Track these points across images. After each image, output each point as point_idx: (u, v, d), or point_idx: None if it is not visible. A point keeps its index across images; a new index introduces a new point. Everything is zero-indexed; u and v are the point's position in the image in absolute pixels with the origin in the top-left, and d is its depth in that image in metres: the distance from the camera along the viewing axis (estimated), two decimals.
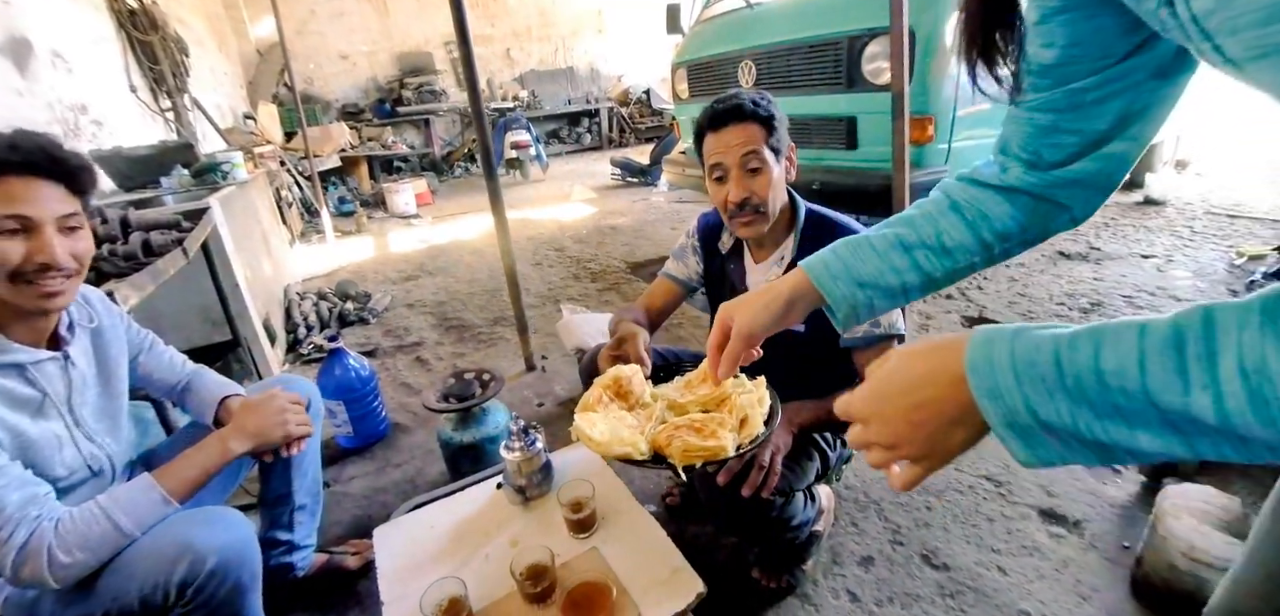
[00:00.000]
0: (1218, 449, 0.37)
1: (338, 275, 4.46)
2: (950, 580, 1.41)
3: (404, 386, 2.69)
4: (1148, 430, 0.38)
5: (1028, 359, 0.42)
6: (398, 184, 6.94)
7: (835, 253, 0.73)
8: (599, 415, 0.93)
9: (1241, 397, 0.34)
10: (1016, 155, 0.65)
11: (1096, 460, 0.42)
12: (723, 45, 3.55)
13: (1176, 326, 0.37)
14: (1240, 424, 0.34)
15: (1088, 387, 0.39)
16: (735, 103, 1.22)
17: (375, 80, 9.65)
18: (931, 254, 0.69)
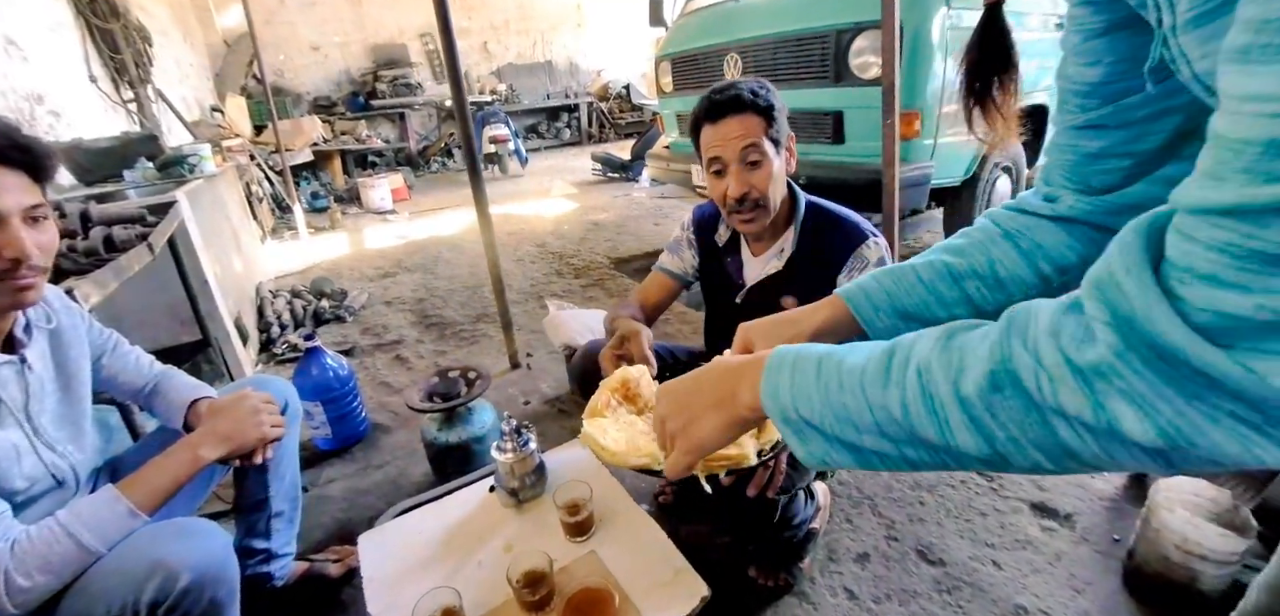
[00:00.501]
0: (917, 453, 0.44)
1: (312, 272, 4.33)
2: (946, 575, 1.40)
3: (384, 385, 2.62)
4: (869, 433, 0.45)
5: (801, 366, 0.50)
6: (373, 179, 6.78)
7: (877, 281, 0.68)
8: (609, 421, 0.89)
9: (916, 391, 0.42)
10: (1065, 183, 0.62)
11: (853, 460, 0.48)
12: (708, 38, 3.52)
13: (894, 343, 0.46)
14: (916, 416, 0.42)
15: (830, 389, 0.47)
16: (734, 93, 1.18)
17: (348, 72, 9.42)
18: (984, 285, 0.65)
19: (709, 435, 0.58)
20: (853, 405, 0.46)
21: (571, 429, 2.12)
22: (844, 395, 0.46)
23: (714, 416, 0.57)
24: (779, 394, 0.50)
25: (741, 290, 1.35)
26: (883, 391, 0.44)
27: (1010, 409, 0.38)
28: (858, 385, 0.46)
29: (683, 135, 4.02)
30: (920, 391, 0.42)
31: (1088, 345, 0.34)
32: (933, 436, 0.42)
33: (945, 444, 0.42)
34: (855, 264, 1.21)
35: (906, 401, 0.43)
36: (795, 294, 1.28)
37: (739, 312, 1.36)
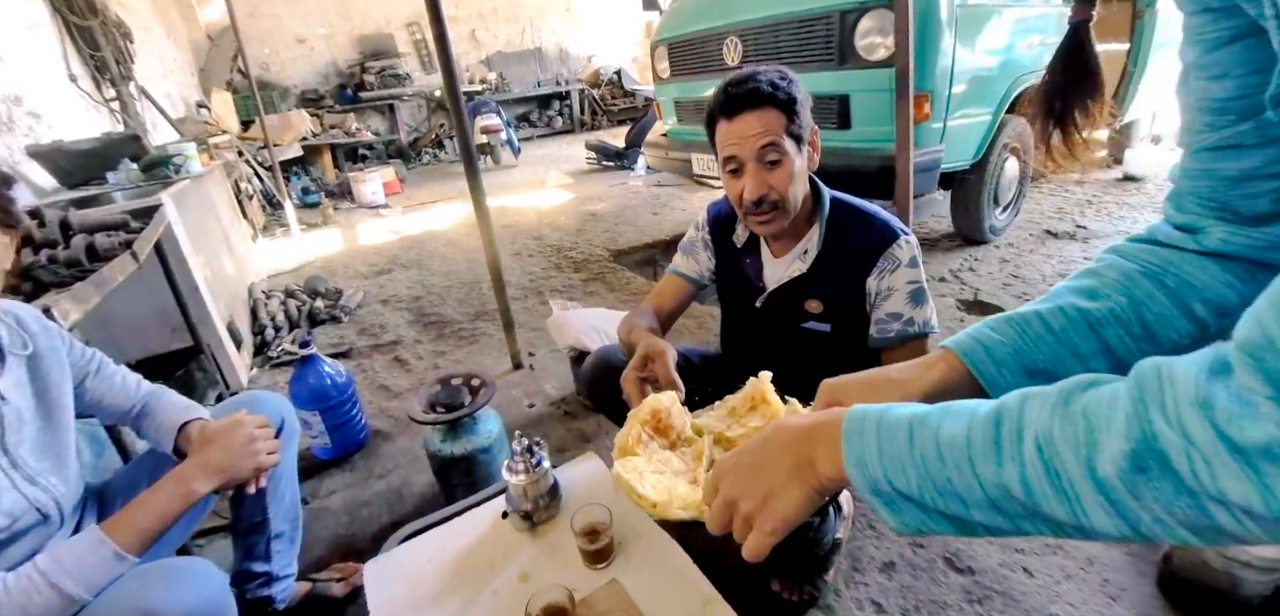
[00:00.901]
0: (1036, 527, 0.40)
1: (305, 271, 4.24)
2: (976, 584, 1.35)
3: (383, 389, 2.54)
4: (979, 508, 0.41)
5: (888, 431, 0.46)
6: (364, 173, 6.67)
7: (996, 332, 0.59)
8: (642, 459, 0.81)
9: (1039, 469, 0.38)
10: (1205, 212, 0.53)
11: (954, 531, 0.45)
12: (705, 21, 3.42)
13: (999, 407, 0.42)
14: (1041, 495, 0.38)
15: (929, 461, 0.43)
16: (752, 86, 1.09)
17: (335, 64, 9.25)
18: (1128, 334, 0.55)
19: (793, 511, 0.52)
20: (959, 481, 0.42)
21: (578, 432, 2.05)
22: (947, 469, 0.42)
23: (794, 490, 0.51)
24: (866, 463, 0.46)
25: (762, 294, 1.28)
26: (996, 468, 0.40)
27: (1158, 492, 0.33)
28: (964, 459, 0.41)
29: (681, 122, 3.93)
30: (1044, 469, 0.38)
31: (1250, 421, 0.30)
32: (1062, 515, 0.38)
33: (1077, 523, 0.37)
34: (886, 265, 1.14)
35: (1028, 479, 0.38)
36: (820, 297, 1.21)
37: (759, 317, 1.29)
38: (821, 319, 1.22)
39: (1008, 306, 2.68)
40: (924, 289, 1.15)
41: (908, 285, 1.14)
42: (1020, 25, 3.00)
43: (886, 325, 1.15)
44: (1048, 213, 3.89)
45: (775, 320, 1.27)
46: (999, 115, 3.04)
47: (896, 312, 1.14)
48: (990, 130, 3.05)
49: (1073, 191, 4.33)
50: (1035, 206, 3.99)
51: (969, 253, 3.33)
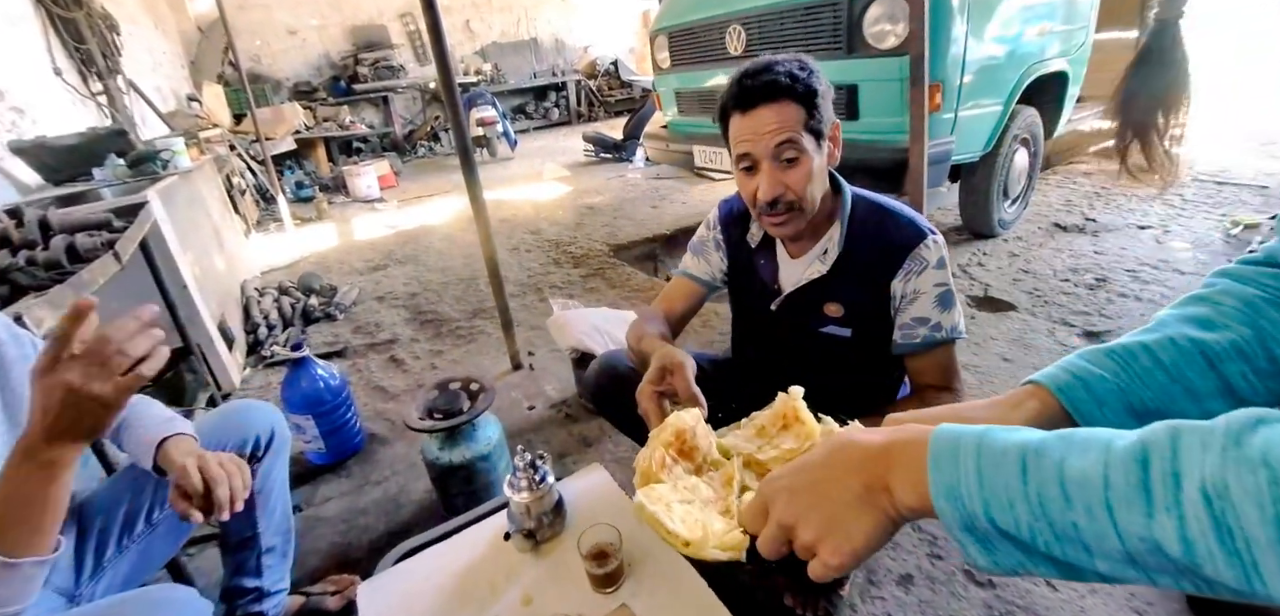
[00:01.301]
0: (1178, 584, 0.35)
1: (299, 267, 4.17)
2: (998, 599, 1.30)
3: (379, 391, 2.48)
4: (1109, 559, 0.36)
5: (994, 459, 0.39)
6: (359, 166, 6.57)
7: (1095, 366, 0.51)
8: (667, 488, 0.73)
9: (1206, 523, 0.32)
10: None
11: (1058, 574, 0.39)
12: (707, 9, 3.34)
13: (1144, 442, 0.36)
14: (1204, 554, 0.32)
15: (1049, 501, 0.37)
16: (769, 78, 1.01)
17: (328, 56, 9.12)
18: (1252, 370, 0.48)
19: (864, 542, 0.45)
20: (1089, 528, 0.35)
21: (580, 436, 1.99)
22: (1073, 513, 0.36)
23: (865, 518, 0.45)
24: (961, 495, 0.39)
25: (778, 297, 1.20)
26: (1145, 520, 0.33)
27: None
28: (1099, 503, 0.35)
29: (683, 113, 3.85)
30: (1213, 524, 0.31)
31: None
32: (1228, 578, 0.31)
33: (1248, 587, 0.31)
34: (912, 267, 1.07)
35: (1189, 536, 0.32)
36: (840, 301, 1.14)
37: (773, 321, 1.22)
38: (842, 323, 1.15)
39: (1019, 302, 2.62)
40: (952, 291, 1.08)
41: (935, 288, 1.07)
42: (1029, 12, 2.92)
43: (912, 330, 1.08)
44: (1056, 205, 3.83)
45: (791, 324, 1.20)
46: (1010, 105, 2.97)
47: (923, 317, 1.07)
48: (1001, 121, 2.98)
49: (1079, 183, 4.27)
50: (1043, 199, 3.93)
51: (977, 247, 3.27)
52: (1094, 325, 2.38)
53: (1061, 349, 2.25)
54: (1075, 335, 2.33)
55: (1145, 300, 2.55)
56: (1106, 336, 2.27)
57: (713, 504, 0.72)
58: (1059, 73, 3.19)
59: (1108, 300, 2.58)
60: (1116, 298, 2.59)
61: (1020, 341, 2.34)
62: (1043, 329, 2.40)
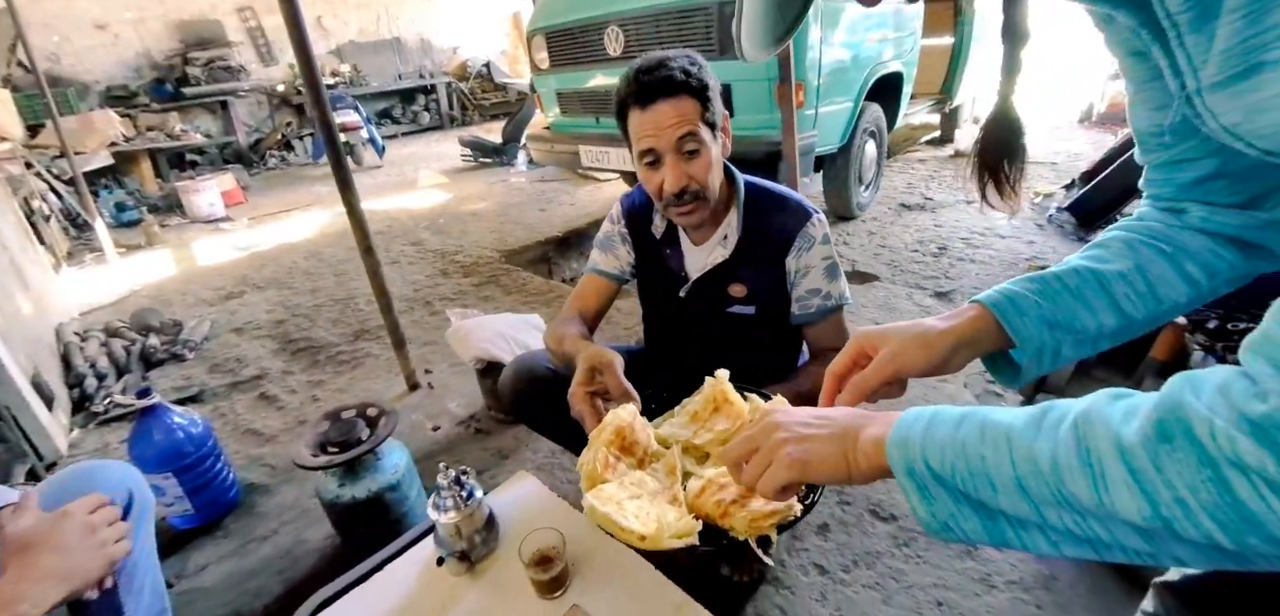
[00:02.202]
0: (1062, 517, 0.42)
1: (130, 303, 3.62)
2: (900, 529, 1.45)
3: (251, 434, 2.22)
4: (1006, 491, 0.43)
5: (940, 418, 0.48)
6: (197, 181, 5.81)
7: (1020, 288, 0.63)
8: (615, 486, 0.73)
9: (1069, 443, 0.41)
10: (1187, 200, 0.60)
11: (981, 527, 0.46)
12: (585, 10, 3.35)
13: (1049, 402, 0.45)
14: (1067, 473, 0.40)
15: (969, 442, 0.45)
16: (665, 73, 1.05)
17: (149, 55, 7.97)
18: (1133, 291, 0.61)
19: (824, 460, 0.55)
20: (992, 458, 0.44)
21: (496, 450, 1.92)
22: (984, 447, 0.44)
23: (829, 448, 0.55)
24: (909, 442, 0.49)
25: (685, 284, 1.25)
26: (1030, 443, 0.42)
27: (1180, 462, 0.36)
28: (1002, 437, 0.44)
29: (566, 114, 3.83)
30: (1075, 442, 0.40)
31: (1258, 400, 0.34)
32: (1084, 494, 0.39)
33: (1099, 504, 0.39)
34: (802, 244, 1.16)
35: (1057, 455, 0.41)
36: (744, 282, 1.21)
37: (684, 308, 1.27)
38: (746, 302, 1.22)
39: (881, 273, 2.92)
40: (836, 263, 1.19)
41: (823, 261, 1.17)
42: (868, 21, 3.27)
43: (807, 302, 1.18)
44: (900, 188, 4.29)
45: (700, 309, 1.26)
46: (859, 102, 3.30)
47: (815, 288, 1.17)
48: (853, 116, 3.30)
49: (917, 168, 4.82)
50: (889, 183, 4.39)
51: (841, 228, 3.58)
52: (942, 286, 2.71)
53: (919, 309, 2.56)
54: (928, 296, 2.64)
55: (979, 261, 2.95)
56: (953, 295, 2.61)
57: (661, 495, 0.74)
58: (896, 73, 3.61)
59: (950, 265, 2.95)
60: (957, 262, 2.97)
61: (886, 306, 2.60)
62: (902, 294, 2.70)
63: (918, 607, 1.28)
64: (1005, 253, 3.00)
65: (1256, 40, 0.40)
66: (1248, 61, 0.42)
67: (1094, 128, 5.49)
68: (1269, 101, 0.42)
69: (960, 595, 1.29)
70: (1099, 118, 5.59)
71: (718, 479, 0.74)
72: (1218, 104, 0.46)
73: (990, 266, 2.88)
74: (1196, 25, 0.45)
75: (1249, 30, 0.40)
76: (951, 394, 1.95)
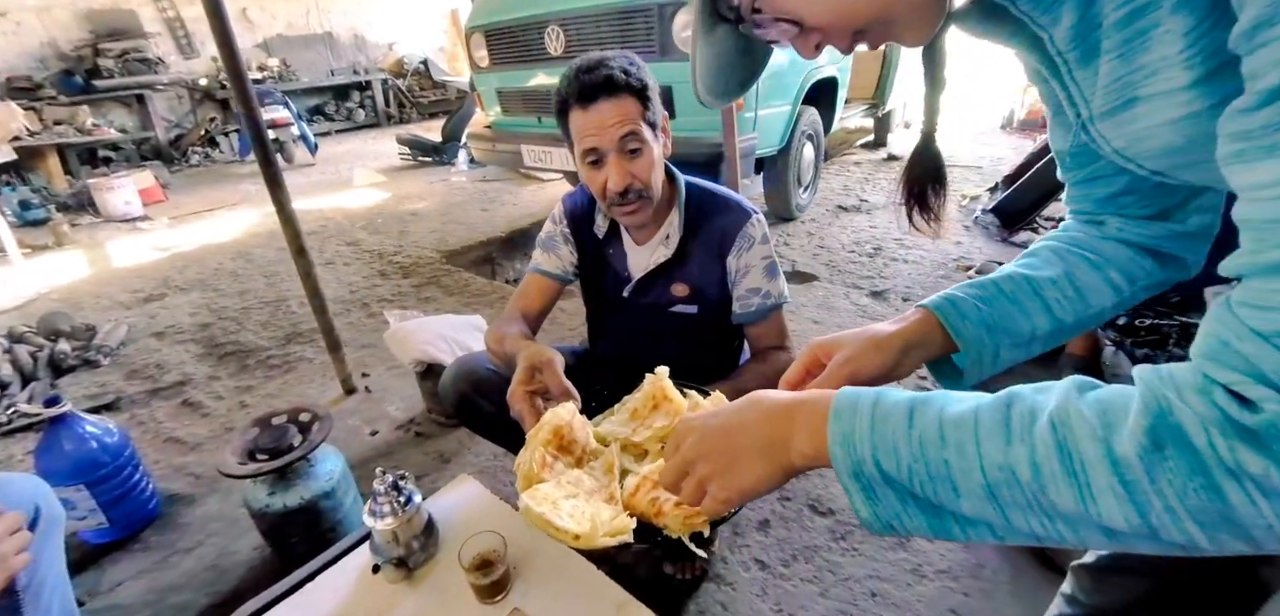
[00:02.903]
0: (1027, 524, 0.40)
1: (37, 306, 3.37)
2: (838, 523, 1.51)
3: (174, 443, 2.10)
4: (972, 496, 0.41)
5: (886, 412, 0.45)
6: (111, 178, 5.43)
7: (962, 293, 0.65)
8: (551, 486, 0.73)
9: (1051, 447, 0.38)
10: (1102, 213, 0.65)
11: (927, 525, 0.44)
12: (525, 9, 3.33)
13: (1009, 392, 0.42)
14: (1048, 475, 0.38)
15: (928, 442, 0.42)
16: (605, 74, 1.07)
17: (55, 45, 7.39)
18: (1063, 295, 0.64)
19: (754, 483, 0.51)
20: (958, 462, 0.41)
21: (437, 453, 1.89)
22: (946, 450, 0.41)
23: (760, 463, 0.51)
24: (853, 443, 0.45)
25: (628, 283, 1.27)
26: (1004, 447, 0.39)
27: (1171, 471, 0.34)
28: (969, 437, 0.41)
29: (507, 113, 3.79)
30: (1057, 448, 0.38)
31: (1247, 410, 0.33)
32: (1067, 503, 0.37)
33: (1082, 512, 0.37)
34: (742, 243, 1.19)
35: (1037, 460, 0.38)
36: (686, 281, 1.24)
37: (627, 307, 1.29)
38: (689, 302, 1.25)
39: (820, 273, 3.03)
40: (776, 262, 1.22)
41: (762, 261, 1.20)
42: None
43: (748, 300, 1.21)
44: (837, 190, 4.45)
45: (644, 308, 1.28)
46: (796, 105, 3.40)
47: (755, 287, 1.20)
48: (791, 119, 3.40)
49: (852, 171, 5.01)
50: (827, 185, 4.55)
51: (781, 229, 3.69)
52: (877, 286, 2.84)
53: (856, 308, 2.66)
54: (865, 296, 2.76)
55: (911, 261, 3.09)
56: (887, 294, 2.73)
57: (597, 493, 0.75)
58: (831, 78, 3.74)
59: (884, 265, 3.08)
60: (891, 262, 3.11)
61: (825, 305, 2.70)
62: (840, 293, 2.80)
63: (853, 599, 1.33)
64: (936, 253, 3.16)
65: (1128, 78, 0.45)
66: (1124, 95, 0.46)
67: (1015, 133, 5.85)
68: (1146, 131, 0.47)
69: (893, 585, 1.36)
70: (1019, 124, 5.96)
71: (653, 476, 0.74)
72: (1107, 131, 0.50)
73: (922, 266, 3.03)
74: (1083, 62, 0.50)
75: (1123, 69, 0.45)
76: None
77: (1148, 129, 0.46)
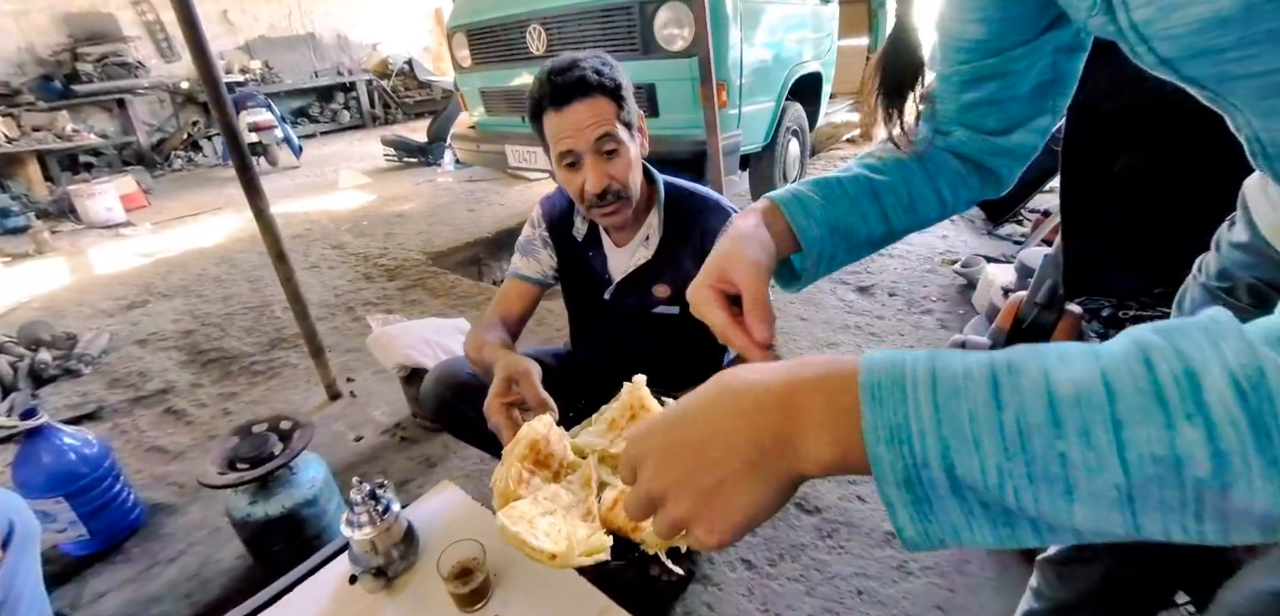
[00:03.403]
0: (1166, 524, 0.27)
1: (18, 315, 3.33)
2: (824, 521, 1.52)
3: (157, 452, 2.08)
4: (1095, 503, 0.28)
5: (954, 389, 0.30)
6: (92, 184, 5.37)
7: (809, 189, 0.62)
8: (527, 504, 0.73)
9: (1243, 426, 0.25)
10: (954, 123, 0.64)
11: (994, 538, 0.31)
12: (507, 7, 3.31)
13: (1137, 340, 0.29)
14: (1239, 467, 0.25)
15: (1033, 429, 0.28)
16: (578, 74, 1.06)
17: (32, 50, 7.26)
18: (899, 204, 0.64)
19: (749, 515, 0.36)
20: (1085, 460, 0.27)
21: (423, 458, 1.88)
22: (1065, 440, 0.28)
23: (752, 485, 0.35)
24: (910, 436, 0.30)
25: (609, 286, 1.27)
26: (1164, 433, 0.26)
27: None
28: (1101, 422, 0.27)
29: (491, 113, 3.78)
30: (1250, 426, 0.25)
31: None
32: (1263, 499, 0.25)
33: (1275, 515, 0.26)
34: None
35: (1223, 446, 0.25)
36: (667, 282, 1.23)
37: (609, 309, 1.29)
38: (670, 302, 1.25)
39: None
40: None
41: None
42: (788, 21, 3.39)
43: None
44: None
45: (625, 310, 1.27)
46: (780, 101, 3.41)
47: None
48: (775, 115, 3.41)
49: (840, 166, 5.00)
50: None
51: None
52: (863, 281, 2.85)
53: (843, 303, 2.67)
54: (851, 291, 2.77)
55: (897, 255, 3.11)
56: (873, 289, 2.74)
57: (575, 509, 0.75)
58: (815, 73, 3.75)
59: (871, 260, 3.09)
60: (877, 257, 3.11)
61: (811, 301, 2.71)
62: (826, 288, 2.81)
63: (840, 597, 1.34)
64: (921, 247, 3.18)
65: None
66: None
67: None
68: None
69: (879, 582, 1.36)
70: None
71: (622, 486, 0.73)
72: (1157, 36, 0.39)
73: (908, 260, 3.05)
74: None
75: None
76: None
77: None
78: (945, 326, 2.38)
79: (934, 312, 2.50)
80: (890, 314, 2.52)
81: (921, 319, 2.47)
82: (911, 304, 2.59)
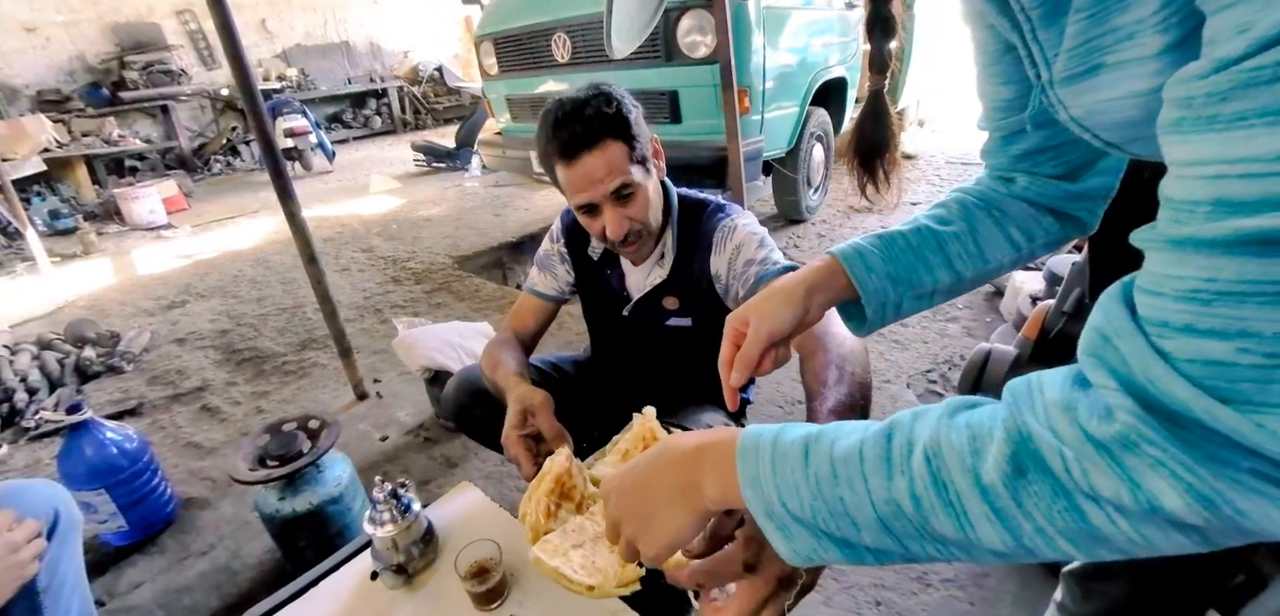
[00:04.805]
0: (924, 550, 0.40)
1: (65, 313, 3.48)
2: None
3: (192, 447, 2.16)
4: (869, 529, 0.40)
5: (784, 452, 0.44)
6: (136, 188, 5.59)
7: (869, 242, 0.65)
8: (558, 537, 0.75)
9: (927, 479, 0.38)
10: (1012, 170, 0.65)
11: (842, 556, 0.43)
12: (532, 15, 3.36)
13: (890, 422, 0.42)
14: (929, 507, 0.38)
15: (823, 480, 0.41)
16: (582, 126, 1.01)
17: (83, 59, 7.61)
18: (965, 251, 0.65)
19: (673, 534, 0.51)
20: (851, 499, 0.40)
21: (443, 458, 1.92)
22: (839, 487, 0.41)
23: (675, 513, 0.50)
24: (761, 485, 0.44)
25: (628, 303, 1.26)
26: (887, 482, 0.39)
27: (1037, 496, 0.34)
28: (857, 475, 0.40)
29: (516, 119, 3.83)
30: (932, 480, 0.38)
31: (1106, 420, 0.32)
32: (949, 531, 0.37)
33: (964, 538, 0.37)
34: (721, 238, 1.14)
35: (917, 492, 0.38)
36: (676, 293, 1.23)
37: (627, 325, 1.29)
38: (681, 314, 1.24)
39: None
40: (766, 237, 1.14)
41: (750, 236, 1.13)
42: (813, 26, 3.36)
43: (745, 274, 1.11)
44: (849, 190, 4.38)
45: (643, 326, 1.27)
46: (804, 107, 3.39)
47: (750, 259, 1.10)
48: (799, 120, 3.39)
49: None
50: (838, 185, 4.51)
51: (791, 231, 3.68)
52: None
53: None
54: None
55: None
56: None
57: (601, 539, 0.77)
58: (840, 78, 3.71)
59: None
60: None
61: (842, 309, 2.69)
62: None
63: (857, 607, 1.33)
64: None
65: (1098, 41, 0.42)
66: (1090, 61, 0.44)
67: None
68: (1107, 103, 0.44)
69: (898, 593, 1.34)
70: None
71: None
72: (1066, 97, 0.48)
73: None
74: (1047, 21, 0.47)
75: (1093, 30, 0.42)
76: (894, 395, 2.03)
77: (1110, 100, 0.44)
78: (971, 334, 2.34)
79: (960, 320, 2.46)
80: (914, 321, 2.49)
81: (946, 326, 2.43)
82: (937, 311, 2.55)
